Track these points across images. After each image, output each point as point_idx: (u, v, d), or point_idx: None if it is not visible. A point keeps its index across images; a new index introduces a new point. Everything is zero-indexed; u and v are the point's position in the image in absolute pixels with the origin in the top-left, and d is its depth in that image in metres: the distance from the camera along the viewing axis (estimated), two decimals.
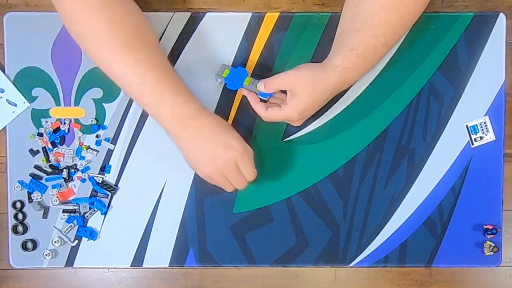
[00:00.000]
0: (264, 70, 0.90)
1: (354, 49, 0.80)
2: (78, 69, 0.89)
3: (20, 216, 0.90)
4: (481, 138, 0.89)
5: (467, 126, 0.90)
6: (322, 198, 0.90)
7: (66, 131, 0.90)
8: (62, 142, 0.90)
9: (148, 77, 0.78)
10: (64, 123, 0.90)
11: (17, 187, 0.89)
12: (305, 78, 0.80)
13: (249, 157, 0.83)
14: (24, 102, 0.89)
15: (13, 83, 0.89)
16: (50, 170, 0.90)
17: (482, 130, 0.89)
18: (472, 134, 0.90)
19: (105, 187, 0.90)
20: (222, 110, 0.89)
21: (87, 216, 0.90)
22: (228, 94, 0.89)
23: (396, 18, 0.80)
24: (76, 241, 0.90)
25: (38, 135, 0.90)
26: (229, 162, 0.81)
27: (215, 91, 0.90)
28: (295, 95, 0.81)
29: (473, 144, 0.90)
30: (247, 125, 0.90)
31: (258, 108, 0.84)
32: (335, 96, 0.89)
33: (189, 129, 0.81)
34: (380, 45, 0.81)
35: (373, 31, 0.80)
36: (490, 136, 0.90)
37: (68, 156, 0.90)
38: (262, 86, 0.83)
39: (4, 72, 0.89)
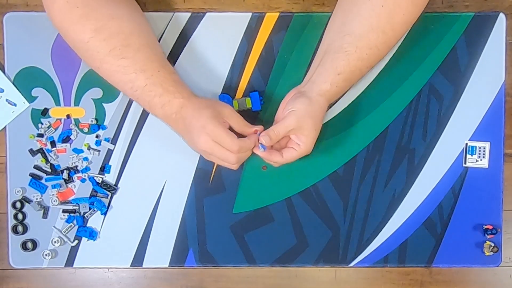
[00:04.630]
0: (264, 70, 0.90)
1: (342, 73, 0.81)
2: (78, 69, 0.89)
3: (20, 216, 0.90)
4: (476, 161, 0.90)
5: (466, 144, 0.90)
6: (322, 198, 0.90)
7: (66, 131, 0.90)
8: (62, 142, 0.90)
9: (137, 83, 0.80)
10: (64, 123, 0.90)
11: (17, 191, 0.89)
12: (306, 118, 0.80)
13: (222, 131, 0.79)
14: (24, 102, 0.89)
15: (13, 83, 0.89)
16: (50, 170, 0.90)
17: (479, 154, 0.90)
18: (468, 154, 0.90)
19: (105, 187, 0.90)
20: None
21: (87, 216, 0.90)
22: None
23: (383, 40, 0.81)
24: (76, 241, 0.90)
25: (38, 135, 0.90)
26: (206, 143, 0.79)
27: (214, 91, 0.90)
28: (302, 134, 0.81)
29: (465, 163, 0.90)
30: None
31: (274, 157, 0.82)
32: None
33: (178, 123, 0.82)
34: (364, 67, 0.82)
35: (360, 53, 0.80)
36: (483, 163, 0.90)
37: (68, 157, 0.90)
38: (268, 138, 0.81)
39: (4, 72, 0.89)
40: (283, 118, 0.81)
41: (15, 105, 0.89)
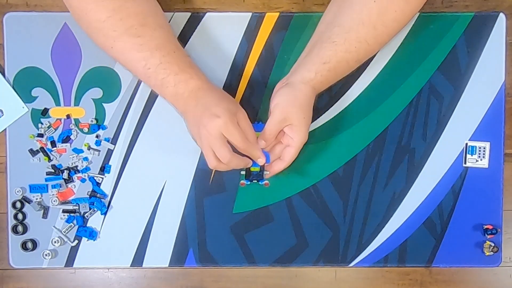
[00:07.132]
0: (264, 71, 0.90)
1: (327, 63, 0.81)
2: (78, 69, 0.89)
3: (20, 216, 0.90)
4: (476, 161, 0.90)
5: (466, 144, 0.90)
6: (322, 198, 0.90)
7: (66, 131, 0.90)
8: (62, 142, 0.90)
9: (152, 60, 0.80)
10: (64, 123, 0.90)
11: (17, 191, 0.89)
12: (290, 108, 0.81)
13: (233, 127, 0.79)
14: (23, 107, 0.89)
15: (13, 87, 0.89)
16: (51, 170, 0.90)
17: (479, 154, 0.90)
18: (468, 154, 0.90)
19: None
20: None
21: (87, 216, 0.90)
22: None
23: (373, 36, 0.81)
24: (76, 241, 0.90)
25: (38, 135, 0.90)
26: (212, 130, 0.79)
27: None
28: (293, 125, 0.82)
29: (465, 163, 0.90)
30: None
31: (276, 166, 0.85)
32: (335, 96, 0.90)
33: (188, 103, 0.81)
34: (352, 60, 0.82)
35: (348, 45, 0.80)
36: (483, 163, 0.90)
37: (68, 157, 0.90)
38: (263, 142, 0.83)
39: (3, 73, 0.89)
40: (270, 115, 0.82)
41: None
